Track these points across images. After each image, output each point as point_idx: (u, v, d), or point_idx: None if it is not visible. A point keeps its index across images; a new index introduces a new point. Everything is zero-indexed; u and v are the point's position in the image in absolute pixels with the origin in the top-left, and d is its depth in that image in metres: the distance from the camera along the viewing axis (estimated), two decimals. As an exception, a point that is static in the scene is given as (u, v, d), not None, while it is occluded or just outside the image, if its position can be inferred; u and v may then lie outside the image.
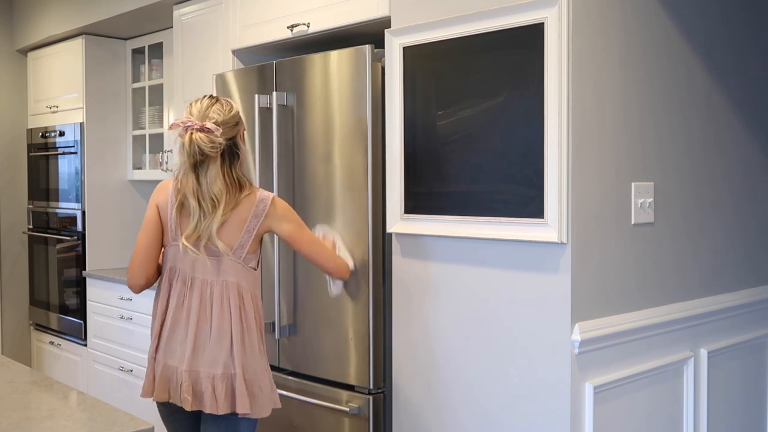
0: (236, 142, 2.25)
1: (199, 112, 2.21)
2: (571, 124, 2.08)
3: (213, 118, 2.19)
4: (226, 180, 2.20)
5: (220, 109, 2.22)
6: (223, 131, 2.19)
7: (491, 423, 2.30)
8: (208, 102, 2.24)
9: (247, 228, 2.22)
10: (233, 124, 2.23)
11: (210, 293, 2.21)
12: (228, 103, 2.26)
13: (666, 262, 2.40)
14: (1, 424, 1.60)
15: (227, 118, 2.21)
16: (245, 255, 2.24)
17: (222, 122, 2.20)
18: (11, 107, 5.10)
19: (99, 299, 4.40)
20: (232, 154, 2.23)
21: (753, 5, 2.74)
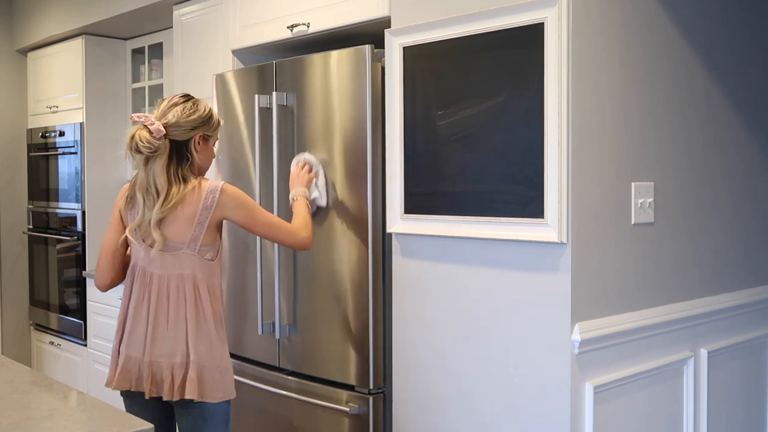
0: (188, 146, 2.28)
1: (161, 110, 2.28)
2: (571, 124, 2.08)
3: (167, 118, 2.25)
4: (168, 176, 2.25)
5: (180, 111, 2.26)
6: (174, 133, 2.24)
7: (491, 422, 2.30)
8: (175, 101, 2.30)
9: (198, 221, 2.25)
10: (188, 128, 2.27)
11: (167, 287, 2.27)
12: (194, 107, 2.29)
13: (666, 262, 2.40)
14: (1, 424, 1.60)
15: (182, 121, 2.25)
16: (199, 247, 2.26)
17: (173, 124, 2.24)
18: (11, 107, 5.10)
19: (99, 299, 4.40)
20: (181, 156, 2.27)
21: (753, 5, 2.74)
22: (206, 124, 2.30)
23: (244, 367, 3.12)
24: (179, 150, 2.27)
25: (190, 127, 2.27)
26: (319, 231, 2.82)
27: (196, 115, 2.28)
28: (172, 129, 2.25)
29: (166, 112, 2.27)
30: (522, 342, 2.21)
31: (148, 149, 2.21)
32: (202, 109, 2.30)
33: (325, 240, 2.80)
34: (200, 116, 2.29)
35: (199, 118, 2.28)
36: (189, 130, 2.27)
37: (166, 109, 2.27)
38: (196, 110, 2.28)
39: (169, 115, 2.26)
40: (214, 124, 2.34)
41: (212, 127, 2.34)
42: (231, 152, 3.20)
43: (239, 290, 3.18)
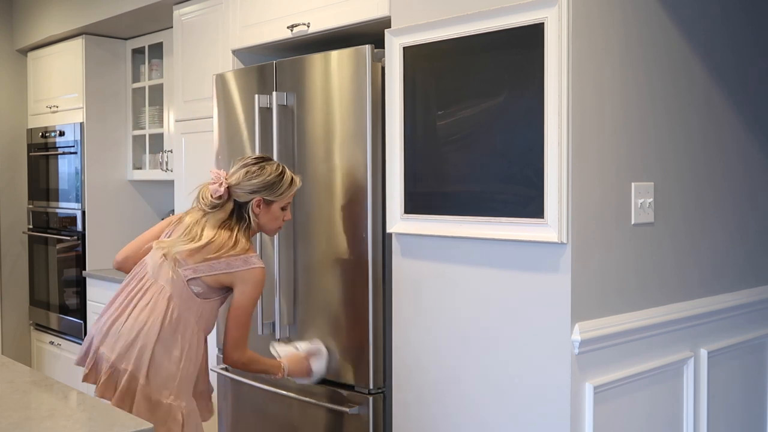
0: (248, 208, 2.34)
1: (234, 168, 2.38)
2: (571, 124, 2.08)
3: (232, 179, 2.35)
4: (219, 229, 2.31)
5: (243, 174, 2.35)
6: (235, 194, 2.34)
7: (491, 422, 2.30)
8: (246, 161, 2.38)
9: (212, 264, 2.28)
10: (247, 192, 2.34)
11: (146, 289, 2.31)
12: (258, 171, 2.35)
13: (666, 262, 2.40)
14: (1, 424, 1.60)
15: (242, 184, 2.34)
16: (194, 279, 2.28)
17: (233, 184, 2.34)
18: (11, 107, 5.10)
19: (99, 299, 4.40)
20: (240, 216, 2.35)
21: (753, 5, 2.74)
22: (268, 189, 2.35)
23: (244, 367, 3.12)
24: (239, 210, 2.35)
25: (249, 190, 2.34)
26: (320, 231, 2.82)
27: (257, 179, 2.34)
28: (234, 189, 2.33)
29: (234, 172, 2.36)
30: (522, 342, 2.21)
31: (207, 206, 2.32)
32: (266, 174, 2.35)
33: (325, 240, 2.80)
34: (261, 181, 2.34)
35: (260, 183, 2.34)
36: (248, 194, 2.34)
37: (237, 169, 2.36)
38: (259, 174, 2.34)
39: (234, 176, 2.35)
40: (279, 189, 2.36)
41: (277, 193, 2.37)
42: (231, 152, 3.20)
43: (239, 290, 3.18)
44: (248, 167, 2.36)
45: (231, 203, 2.34)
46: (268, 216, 2.38)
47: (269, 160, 2.40)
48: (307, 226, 2.86)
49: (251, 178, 2.34)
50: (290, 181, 2.39)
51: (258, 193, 2.34)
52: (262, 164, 2.37)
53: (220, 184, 2.32)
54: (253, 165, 2.36)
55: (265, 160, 2.39)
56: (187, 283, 2.28)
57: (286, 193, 2.39)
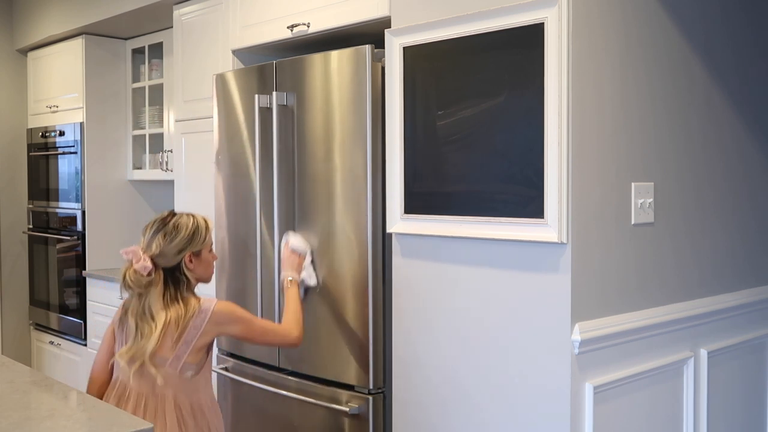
0: (181, 269, 2.25)
1: (146, 240, 2.25)
2: (571, 124, 2.08)
3: (151, 250, 2.22)
4: (165, 303, 2.21)
5: (161, 239, 2.23)
6: (163, 262, 2.22)
7: (491, 422, 2.30)
8: (157, 227, 2.26)
9: (185, 340, 2.19)
10: (176, 253, 2.24)
11: (144, 407, 2.18)
12: (175, 230, 2.25)
13: (666, 262, 2.40)
14: (1, 424, 1.60)
15: (166, 250, 2.23)
16: (182, 365, 2.20)
17: (158, 255, 2.22)
18: (11, 107, 5.10)
19: (99, 299, 4.40)
20: (176, 280, 2.24)
21: (753, 5, 2.74)
22: (191, 242, 2.26)
23: (244, 367, 3.12)
24: (173, 275, 2.24)
25: (176, 251, 2.24)
26: (320, 231, 2.82)
27: (178, 239, 2.24)
28: (159, 259, 2.22)
29: (150, 243, 2.24)
30: (522, 342, 2.21)
31: (140, 287, 2.20)
32: (184, 228, 2.26)
33: (325, 240, 2.80)
34: (183, 238, 2.25)
35: (182, 241, 2.25)
36: (175, 255, 2.24)
37: (150, 240, 2.24)
38: (177, 233, 2.24)
39: (153, 246, 2.23)
40: (201, 236, 2.29)
41: (200, 241, 2.29)
42: (231, 152, 3.20)
43: (239, 290, 3.18)
44: (162, 230, 2.25)
45: (160, 273, 2.23)
46: (202, 266, 2.30)
47: (176, 214, 2.31)
48: (307, 226, 2.86)
49: (172, 239, 2.23)
50: (205, 223, 2.32)
51: (185, 249, 2.25)
52: (173, 221, 2.27)
53: (144, 260, 2.20)
54: (166, 225, 2.26)
55: (173, 216, 2.29)
56: (180, 373, 2.20)
57: (208, 237, 2.32)
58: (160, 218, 2.30)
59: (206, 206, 3.51)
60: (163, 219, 2.29)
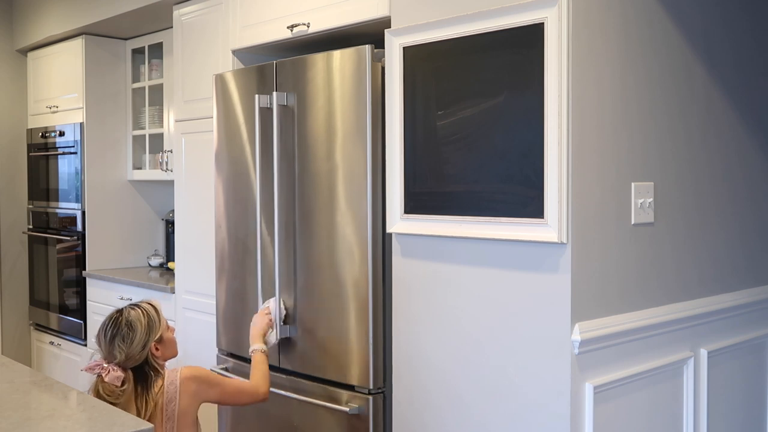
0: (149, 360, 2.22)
1: (105, 349, 2.20)
2: (571, 124, 2.08)
3: (115, 356, 2.19)
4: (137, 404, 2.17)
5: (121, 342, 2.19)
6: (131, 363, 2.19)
7: (491, 422, 2.30)
8: (111, 333, 2.21)
9: (168, 416, 2.17)
10: (140, 349, 2.21)
11: None
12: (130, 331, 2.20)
13: (666, 262, 2.40)
14: (1, 424, 1.60)
15: (131, 351, 2.20)
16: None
17: (126, 359, 2.19)
18: (11, 107, 5.10)
19: (99, 299, 4.40)
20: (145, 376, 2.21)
21: (753, 5, 2.74)
22: (151, 332, 2.24)
23: (244, 367, 3.12)
24: (141, 371, 2.21)
25: (140, 348, 2.21)
26: (320, 231, 2.82)
27: (138, 335, 2.21)
28: (126, 362, 2.19)
29: (111, 351, 2.19)
30: (522, 342, 2.21)
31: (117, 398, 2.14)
32: (139, 324, 2.22)
33: (325, 240, 2.80)
34: (142, 333, 2.22)
35: (143, 336, 2.22)
36: (140, 351, 2.21)
37: (110, 348, 2.19)
38: (134, 331, 2.21)
39: (115, 353, 2.19)
40: (156, 323, 2.26)
41: (158, 326, 2.26)
42: (231, 152, 3.20)
43: (239, 290, 3.18)
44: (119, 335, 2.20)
45: (130, 374, 2.20)
46: (167, 347, 2.29)
47: (122, 312, 2.27)
48: (307, 226, 2.86)
49: (132, 339, 2.20)
50: (154, 308, 2.30)
51: (148, 342, 2.23)
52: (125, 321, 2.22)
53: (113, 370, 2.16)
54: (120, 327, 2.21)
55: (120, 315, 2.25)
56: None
57: (162, 318, 2.30)
58: (109, 322, 2.24)
59: (206, 206, 3.51)
60: (114, 321, 2.24)
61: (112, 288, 4.28)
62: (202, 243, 3.57)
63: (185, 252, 3.73)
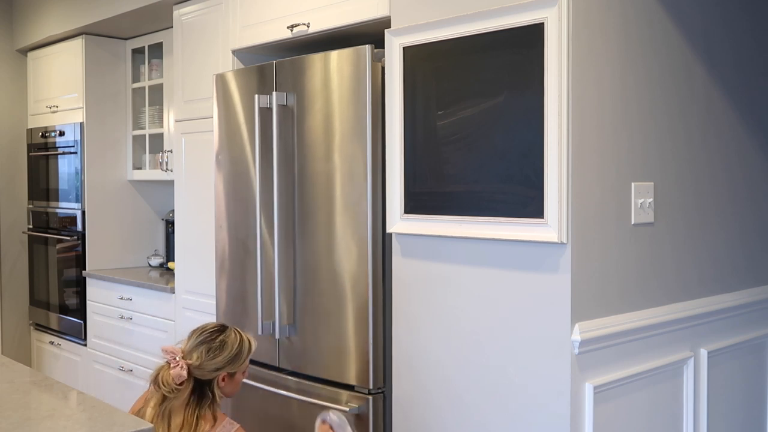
0: (212, 385, 2.22)
1: (190, 345, 2.22)
2: (571, 124, 2.08)
3: (191, 358, 2.20)
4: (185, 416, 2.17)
5: (205, 352, 2.21)
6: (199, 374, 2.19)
7: (491, 422, 2.30)
8: (204, 338, 2.24)
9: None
10: (212, 369, 2.22)
11: None
12: (220, 347, 2.23)
13: (666, 262, 2.40)
14: (1, 424, 1.60)
15: (206, 364, 2.21)
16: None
17: (197, 367, 2.20)
18: (11, 107, 5.10)
19: (99, 299, 4.40)
20: (203, 394, 2.21)
21: (753, 5, 2.74)
22: (232, 362, 2.24)
23: (244, 367, 3.13)
24: (201, 388, 2.21)
25: (213, 368, 2.22)
26: (320, 231, 2.82)
27: (221, 356, 2.22)
28: (195, 370, 2.19)
29: (192, 351, 2.21)
30: (522, 342, 2.21)
31: (170, 392, 2.15)
32: (230, 348, 2.24)
33: (325, 240, 2.80)
34: (226, 357, 2.23)
35: (225, 359, 2.23)
36: (212, 372, 2.22)
37: (194, 347, 2.22)
38: (222, 350, 2.22)
39: (194, 355, 2.21)
40: (242, 359, 2.27)
41: (240, 363, 2.27)
42: (231, 152, 3.20)
43: (239, 290, 3.18)
44: (208, 344, 2.23)
45: (191, 381, 2.20)
46: (232, 385, 2.28)
47: (225, 330, 2.29)
48: (307, 226, 2.86)
49: (215, 356, 2.22)
50: (249, 346, 2.30)
51: (223, 369, 2.23)
52: (221, 338, 2.25)
53: (182, 368, 2.16)
54: (213, 341, 2.24)
55: (222, 332, 2.28)
56: None
57: (247, 360, 2.30)
58: (210, 329, 2.26)
59: (206, 206, 3.51)
60: (214, 331, 2.26)
61: (112, 288, 4.28)
62: (202, 243, 3.58)
63: (185, 252, 3.73)
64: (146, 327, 4.03)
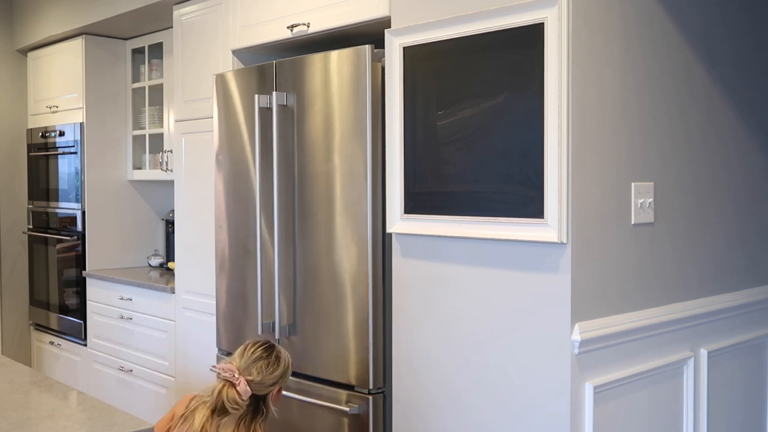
0: (266, 400, 2.22)
1: (246, 362, 2.20)
2: (571, 124, 2.08)
3: (252, 375, 2.18)
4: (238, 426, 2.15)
5: (264, 367, 2.20)
6: (256, 390, 2.18)
7: (490, 421, 2.30)
8: (259, 354, 2.23)
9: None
10: (269, 384, 2.21)
11: None
12: (277, 362, 2.23)
13: (666, 262, 2.40)
14: (1, 424, 1.60)
15: (266, 379, 2.19)
16: None
17: (258, 382, 2.18)
18: (11, 107, 5.10)
19: (99, 299, 4.40)
20: (257, 409, 2.20)
21: (753, 5, 2.74)
22: (284, 376, 2.25)
23: (244, 367, 3.12)
24: (257, 404, 2.20)
25: (272, 382, 2.21)
26: (320, 231, 2.82)
27: (279, 371, 2.22)
28: (254, 386, 2.18)
29: (249, 367, 2.19)
30: (522, 342, 2.21)
31: (236, 409, 2.13)
32: (284, 362, 2.24)
33: (325, 240, 2.80)
34: (282, 371, 2.23)
35: (280, 374, 2.23)
36: (269, 386, 2.21)
37: (250, 363, 2.20)
38: (278, 365, 2.23)
39: (253, 372, 2.19)
40: (289, 374, 2.28)
41: (288, 378, 2.28)
42: (231, 152, 3.20)
43: (239, 290, 3.18)
44: (266, 360, 2.22)
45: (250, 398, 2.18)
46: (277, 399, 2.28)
47: (275, 346, 2.29)
48: (307, 226, 2.86)
49: (273, 371, 2.21)
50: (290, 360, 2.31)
51: (278, 383, 2.23)
52: (276, 353, 2.25)
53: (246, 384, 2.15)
54: (269, 356, 2.23)
55: (274, 348, 2.27)
56: None
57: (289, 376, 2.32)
58: (261, 345, 2.26)
59: (206, 206, 3.51)
60: (267, 347, 2.26)
61: (112, 288, 4.28)
62: (202, 243, 3.58)
63: (185, 252, 3.73)
64: (146, 327, 4.03)
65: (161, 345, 3.93)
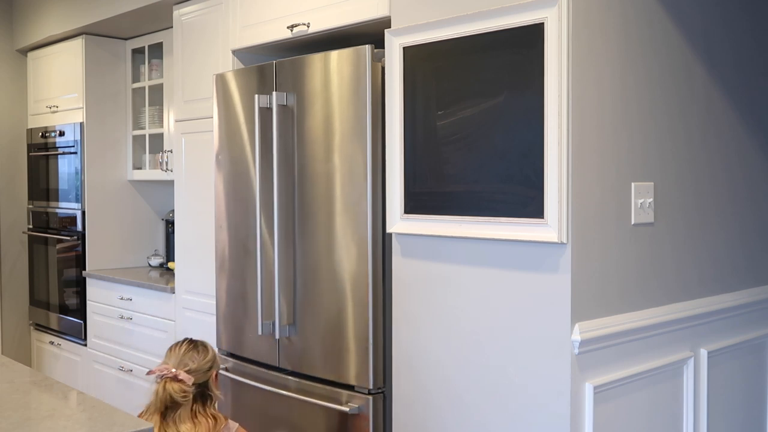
0: (209, 385, 2.36)
1: (177, 358, 2.35)
2: (571, 124, 2.08)
3: (187, 365, 2.32)
4: (193, 420, 2.29)
5: (195, 356, 2.35)
6: (196, 378, 2.31)
7: (490, 421, 2.30)
8: (186, 348, 2.38)
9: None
10: (206, 370, 2.35)
11: None
12: (204, 349, 2.39)
13: (666, 262, 2.40)
14: (1, 424, 1.60)
15: (201, 365, 2.34)
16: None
17: (195, 370, 2.32)
18: (11, 107, 5.10)
19: (99, 299, 4.40)
20: (204, 396, 2.34)
21: (753, 5, 2.74)
22: (215, 360, 2.40)
23: (244, 367, 3.13)
24: (202, 391, 2.33)
25: (207, 368, 2.36)
26: (320, 231, 2.82)
27: (210, 355, 2.38)
28: (194, 373, 2.31)
29: (183, 360, 2.34)
30: (522, 342, 2.21)
31: (184, 397, 2.26)
32: (211, 349, 2.41)
33: (325, 240, 2.80)
34: (213, 355, 2.40)
35: (212, 357, 2.39)
36: (206, 372, 2.35)
37: (182, 357, 2.35)
38: (207, 351, 2.39)
39: (188, 362, 2.33)
40: (218, 357, 2.43)
41: (219, 362, 2.43)
42: (231, 152, 3.20)
43: (239, 290, 3.18)
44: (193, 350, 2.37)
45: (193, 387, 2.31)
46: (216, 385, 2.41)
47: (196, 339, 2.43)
48: (307, 226, 2.86)
49: (205, 356, 2.36)
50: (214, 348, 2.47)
51: (213, 368, 2.38)
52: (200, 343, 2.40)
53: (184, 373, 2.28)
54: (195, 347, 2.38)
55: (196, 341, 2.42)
56: None
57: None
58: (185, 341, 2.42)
59: (206, 206, 3.51)
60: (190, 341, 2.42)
61: (112, 288, 4.28)
62: (202, 243, 3.58)
63: (185, 252, 3.73)
64: (146, 327, 4.03)
65: (161, 345, 3.93)
